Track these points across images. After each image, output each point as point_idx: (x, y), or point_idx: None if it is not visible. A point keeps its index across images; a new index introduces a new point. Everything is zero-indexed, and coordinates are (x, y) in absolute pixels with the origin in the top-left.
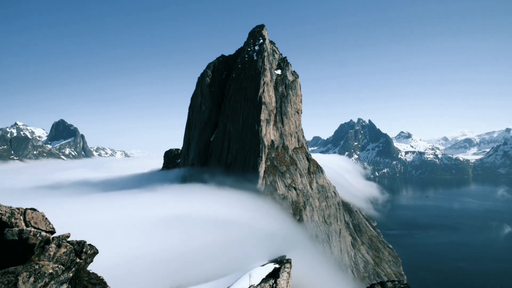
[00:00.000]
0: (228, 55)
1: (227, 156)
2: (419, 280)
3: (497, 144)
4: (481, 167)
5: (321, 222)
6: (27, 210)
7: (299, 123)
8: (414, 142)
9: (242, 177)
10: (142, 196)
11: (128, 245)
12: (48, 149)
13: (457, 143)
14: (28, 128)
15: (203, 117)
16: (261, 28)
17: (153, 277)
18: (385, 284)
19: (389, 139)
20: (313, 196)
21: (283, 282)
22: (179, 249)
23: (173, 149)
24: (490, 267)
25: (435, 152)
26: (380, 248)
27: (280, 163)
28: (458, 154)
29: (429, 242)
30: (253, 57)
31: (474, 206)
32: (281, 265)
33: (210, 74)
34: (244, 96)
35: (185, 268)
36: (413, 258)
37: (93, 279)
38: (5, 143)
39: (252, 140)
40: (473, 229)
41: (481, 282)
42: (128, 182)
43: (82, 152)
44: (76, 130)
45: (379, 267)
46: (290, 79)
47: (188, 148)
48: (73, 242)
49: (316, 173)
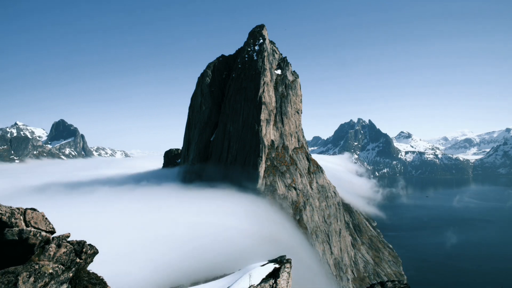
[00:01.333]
0: (228, 55)
1: (227, 156)
2: (419, 280)
3: (497, 144)
4: (481, 167)
5: (321, 222)
6: (27, 210)
7: (299, 123)
8: (414, 142)
9: (242, 177)
10: (142, 197)
11: (128, 245)
12: (48, 149)
13: (457, 143)
14: (28, 128)
15: (203, 117)
16: (261, 28)
17: (153, 277)
18: (385, 284)
19: (389, 139)
20: (313, 196)
21: (283, 282)
22: (179, 249)
23: (173, 149)
24: (490, 266)
25: (435, 152)
26: (380, 248)
27: (280, 163)
28: (458, 154)
29: (429, 242)
30: (253, 57)
31: (474, 206)
32: (281, 265)
33: (210, 74)
34: (244, 96)
35: (185, 268)
36: (413, 258)
37: (93, 279)
38: (5, 143)
39: (252, 140)
40: (473, 229)
41: (481, 281)
42: (128, 182)
43: (82, 152)
44: (76, 130)
45: (379, 267)
46: (290, 79)
47: (188, 148)
48: (73, 242)
49: (316, 173)
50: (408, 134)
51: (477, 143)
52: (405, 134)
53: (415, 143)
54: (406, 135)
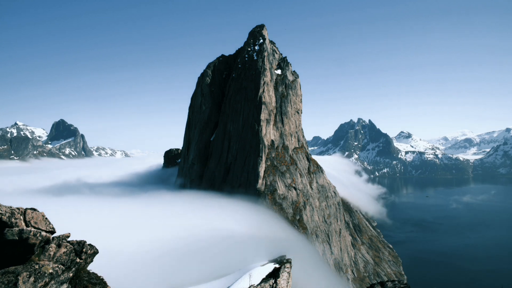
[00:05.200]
0: (228, 55)
1: (227, 156)
2: (419, 280)
3: (497, 144)
4: (481, 167)
5: (321, 222)
6: (27, 210)
7: (299, 123)
8: (414, 142)
9: (242, 176)
10: (142, 197)
11: (129, 245)
12: (48, 149)
13: (457, 143)
14: (28, 128)
15: (203, 117)
16: (261, 28)
17: (154, 277)
18: (385, 284)
19: (389, 139)
20: (313, 196)
21: (283, 282)
22: (180, 249)
23: (173, 149)
24: (490, 266)
25: (435, 152)
26: (380, 248)
27: (280, 163)
28: (458, 154)
29: (429, 241)
30: (253, 57)
31: (474, 206)
32: (281, 265)
33: (210, 74)
34: (244, 96)
35: (185, 268)
36: (413, 258)
37: (93, 279)
38: (5, 143)
39: (252, 140)
40: (474, 229)
41: (481, 281)
42: (129, 182)
43: (82, 152)
44: (76, 130)
45: (379, 267)
46: (290, 79)
47: (188, 148)
48: (73, 242)
49: (316, 173)
50: (408, 134)
51: (477, 143)
52: (405, 134)
53: (415, 143)
54: (406, 135)
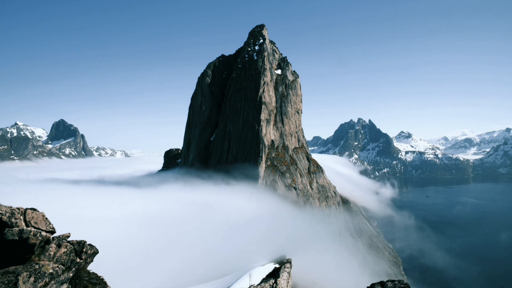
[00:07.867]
0: (228, 55)
1: (227, 156)
2: (419, 280)
3: (497, 144)
4: (481, 167)
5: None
6: (27, 210)
7: (299, 123)
8: (414, 142)
9: (242, 176)
10: (143, 197)
11: (129, 245)
12: (48, 149)
13: (457, 143)
14: (28, 128)
15: (203, 117)
16: (261, 28)
17: (153, 277)
18: (385, 284)
19: (389, 139)
20: (313, 196)
21: (283, 282)
22: (180, 249)
23: (173, 149)
24: (491, 267)
25: (435, 152)
26: (380, 248)
27: (280, 163)
28: (458, 154)
29: (429, 241)
30: (253, 57)
31: (475, 206)
32: (281, 265)
33: (210, 74)
34: (244, 96)
35: (185, 268)
36: (413, 258)
37: (93, 279)
38: (5, 143)
39: (252, 140)
40: (474, 229)
41: (481, 282)
42: (129, 182)
43: (82, 152)
44: (76, 130)
45: (379, 267)
46: (290, 79)
47: (188, 148)
48: (73, 242)
49: (316, 173)
50: (408, 134)
51: (477, 143)
52: (405, 134)
53: (415, 143)
54: (406, 135)
